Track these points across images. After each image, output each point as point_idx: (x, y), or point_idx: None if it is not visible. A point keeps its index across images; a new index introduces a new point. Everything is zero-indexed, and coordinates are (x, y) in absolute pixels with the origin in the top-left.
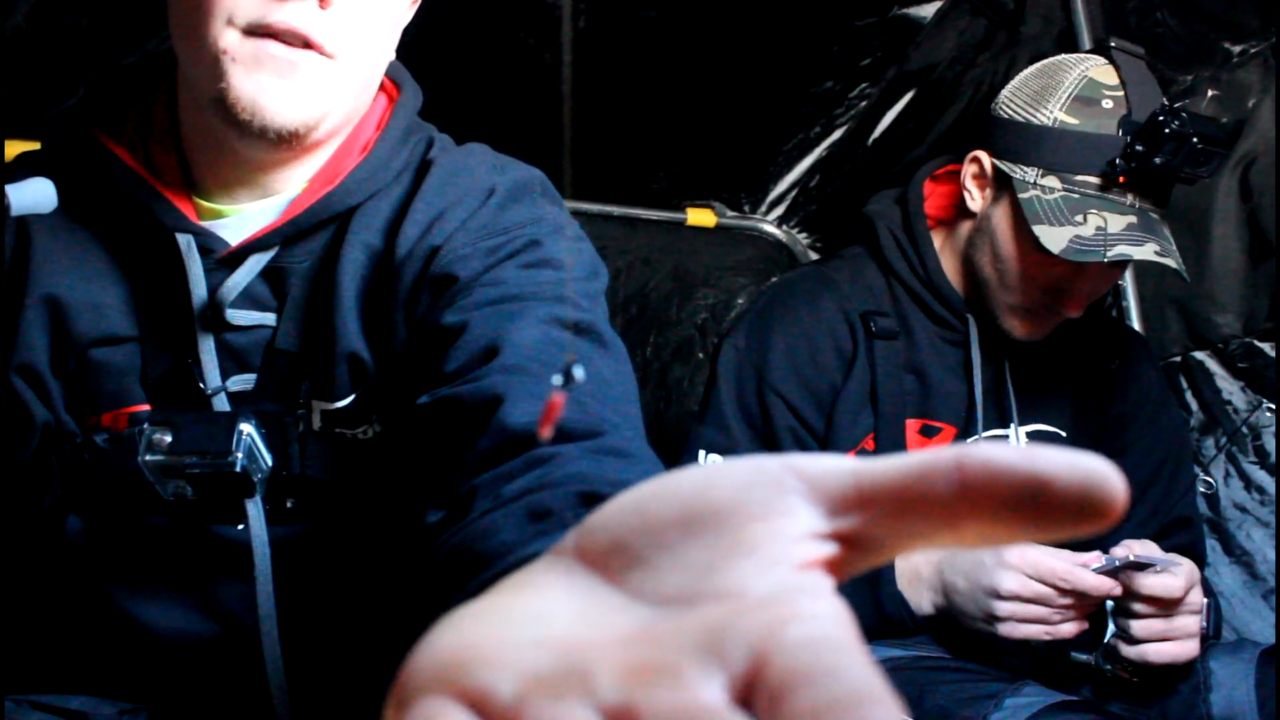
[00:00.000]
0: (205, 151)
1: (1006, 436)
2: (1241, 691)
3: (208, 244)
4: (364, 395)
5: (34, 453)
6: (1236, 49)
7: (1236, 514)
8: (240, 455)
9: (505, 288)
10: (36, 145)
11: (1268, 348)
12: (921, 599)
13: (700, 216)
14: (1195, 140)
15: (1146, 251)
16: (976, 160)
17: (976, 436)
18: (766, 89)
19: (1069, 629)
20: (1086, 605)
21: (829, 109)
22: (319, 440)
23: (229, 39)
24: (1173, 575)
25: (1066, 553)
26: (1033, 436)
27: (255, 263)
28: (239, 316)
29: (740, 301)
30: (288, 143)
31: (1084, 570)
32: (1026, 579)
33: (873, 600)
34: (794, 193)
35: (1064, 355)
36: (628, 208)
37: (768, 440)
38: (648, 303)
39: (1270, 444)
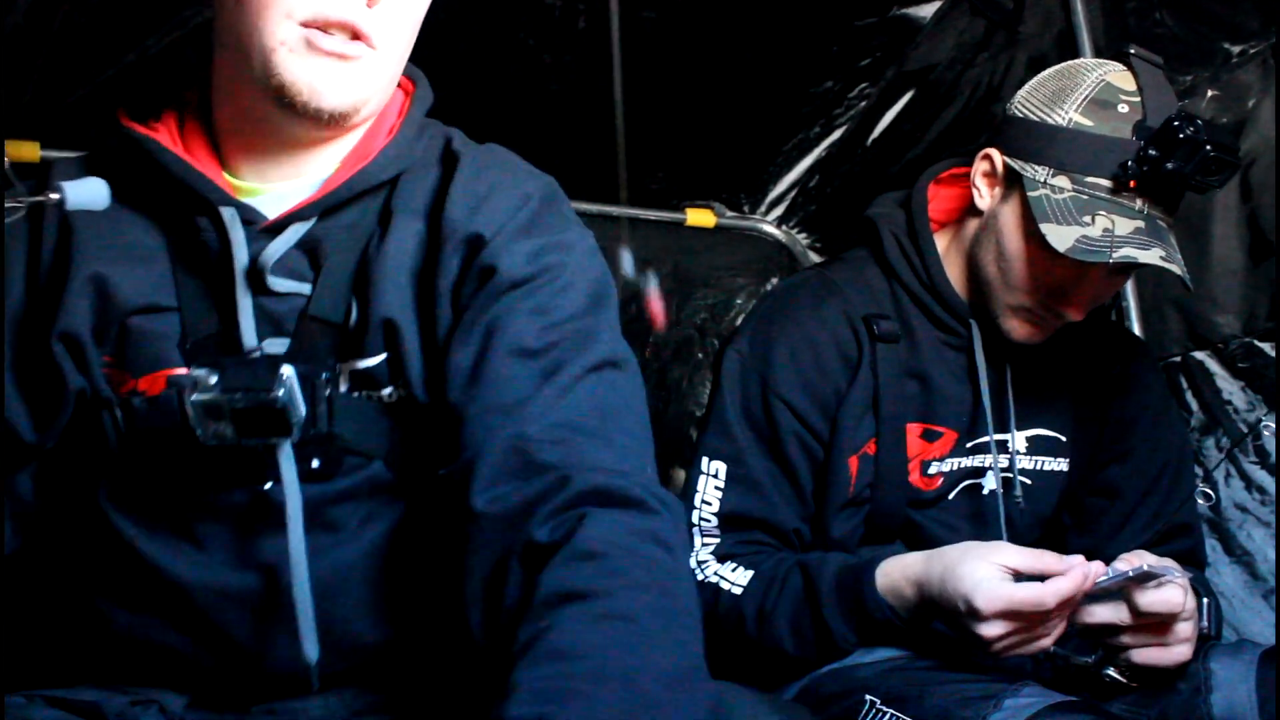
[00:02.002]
0: (242, 137)
1: (1007, 441)
2: (1242, 692)
3: (248, 216)
4: (393, 359)
5: (70, 420)
6: (1236, 49)
7: (1237, 514)
8: (282, 392)
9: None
10: (35, 145)
11: (1268, 348)
12: (908, 609)
13: (700, 217)
14: (1209, 148)
15: (1152, 256)
16: (988, 157)
17: (978, 440)
18: (766, 89)
19: (1060, 631)
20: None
21: (828, 109)
22: (346, 401)
23: (285, 31)
24: (1176, 588)
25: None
26: (1033, 441)
27: (294, 232)
28: (277, 284)
29: (739, 301)
30: (336, 123)
31: (1055, 585)
32: (1005, 622)
33: (857, 611)
34: (793, 193)
35: (1065, 360)
36: (627, 208)
37: (772, 446)
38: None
39: (1270, 444)
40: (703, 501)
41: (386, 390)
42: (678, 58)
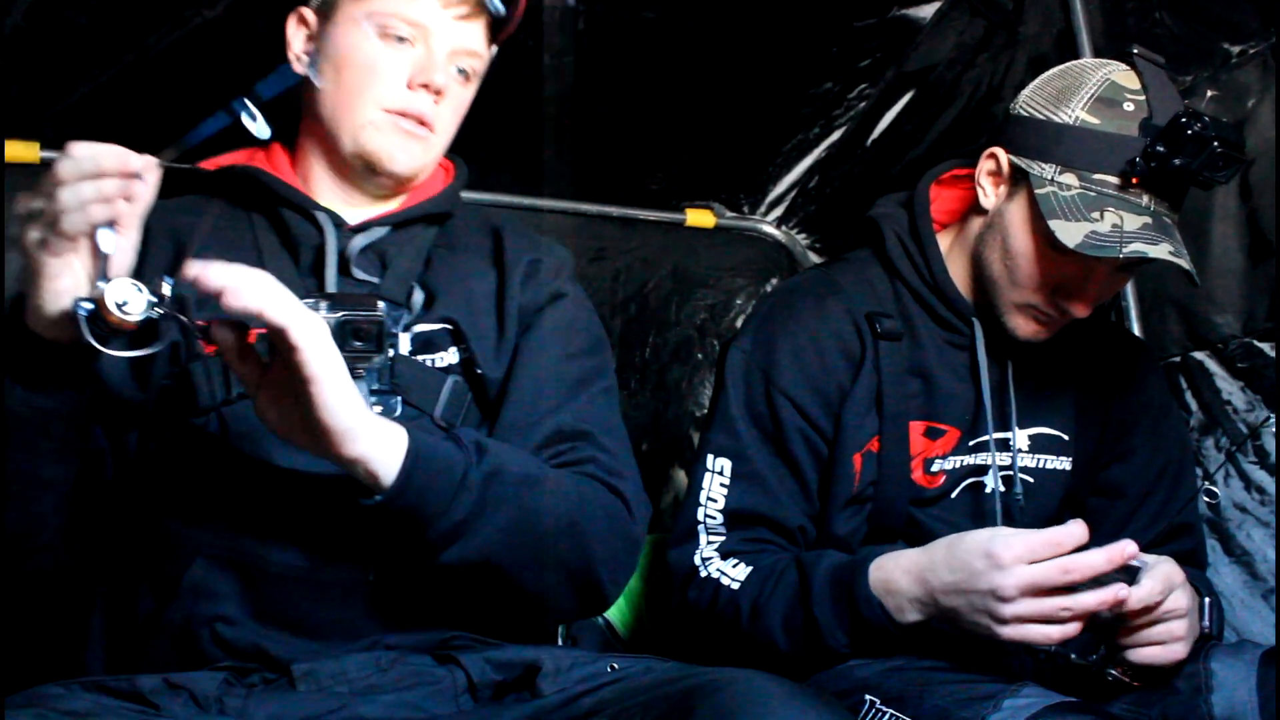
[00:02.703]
0: (327, 183)
1: (1009, 439)
2: (1243, 692)
3: (335, 220)
4: (451, 331)
5: (170, 373)
6: (1235, 49)
7: (1236, 514)
8: (379, 313)
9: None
10: (35, 145)
11: (1267, 348)
12: (902, 607)
13: (699, 217)
14: (1216, 144)
15: (1161, 251)
16: (993, 156)
17: (981, 439)
18: (766, 89)
19: (1073, 628)
20: (1087, 604)
21: (828, 110)
22: (405, 363)
23: (373, 114)
24: (1139, 585)
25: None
26: (1034, 439)
27: (374, 233)
28: (357, 272)
29: (739, 302)
30: (402, 182)
31: (1069, 529)
32: (1025, 570)
33: (848, 608)
34: (793, 193)
35: (1067, 359)
36: (627, 208)
37: (777, 443)
38: (646, 303)
39: (1270, 444)
40: (708, 499)
41: (440, 355)
42: (677, 58)
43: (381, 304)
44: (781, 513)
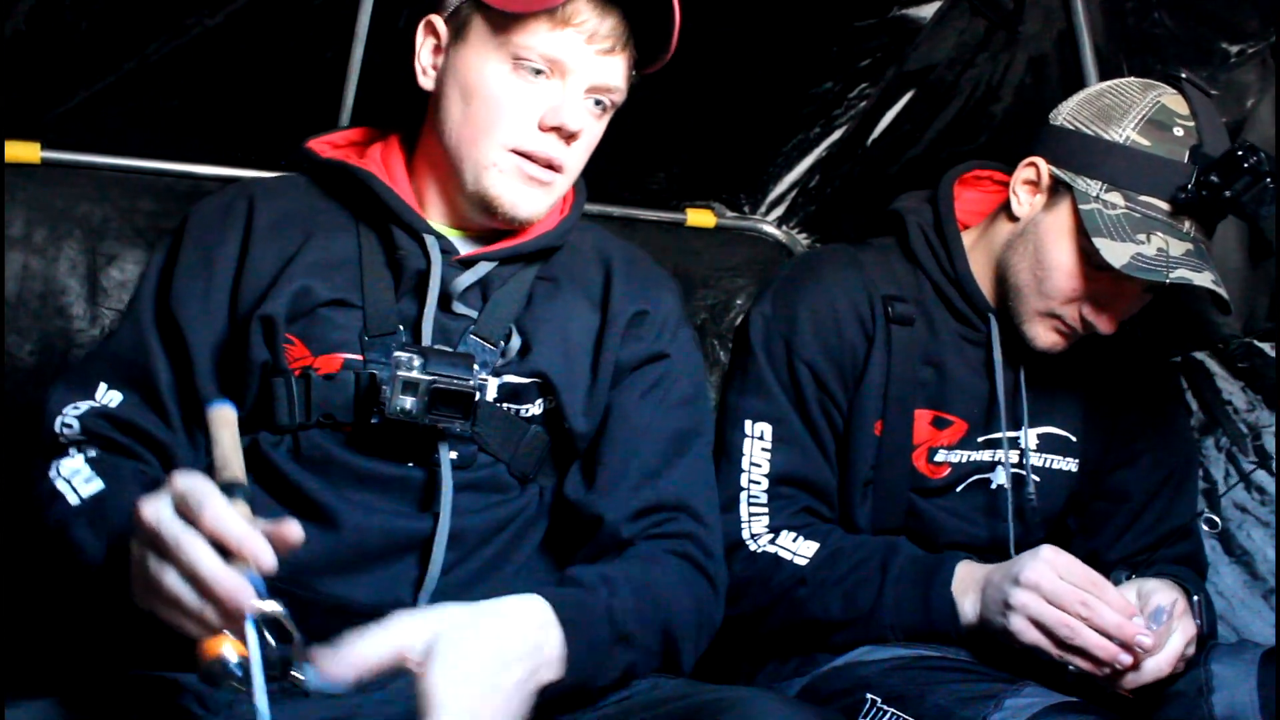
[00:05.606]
0: (440, 204)
1: (1018, 438)
2: (1244, 692)
3: (445, 247)
4: (544, 386)
5: (257, 388)
6: (1234, 49)
7: (1236, 514)
8: (472, 382)
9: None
10: (35, 145)
11: (1268, 348)
12: (965, 604)
13: (699, 217)
14: (1269, 180)
15: (1205, 279)
16: (1033, 165)
17: (989, 435)
18: (766, 89)
19: (1077, 659)
20: (1102, 636)
21: (828, 109)
22: (488, 410)
23: (498, 154)
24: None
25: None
26: (1042, 439)
27: (481, 268)
28: (458, 306)
29: (739, 302)
30: (522, 224)
31: (1106, 582)
32: (1049, 572)
33: (923, 599)
34: (793, 193)
35: (1079, 361)
36: (627, 208)
37: (801, 408)
38: None
39: (1270, 444)
40: (751, 464)
41: (525, 406)
42: (678, 58)
43: (476, 366)
44: (822, 475)
